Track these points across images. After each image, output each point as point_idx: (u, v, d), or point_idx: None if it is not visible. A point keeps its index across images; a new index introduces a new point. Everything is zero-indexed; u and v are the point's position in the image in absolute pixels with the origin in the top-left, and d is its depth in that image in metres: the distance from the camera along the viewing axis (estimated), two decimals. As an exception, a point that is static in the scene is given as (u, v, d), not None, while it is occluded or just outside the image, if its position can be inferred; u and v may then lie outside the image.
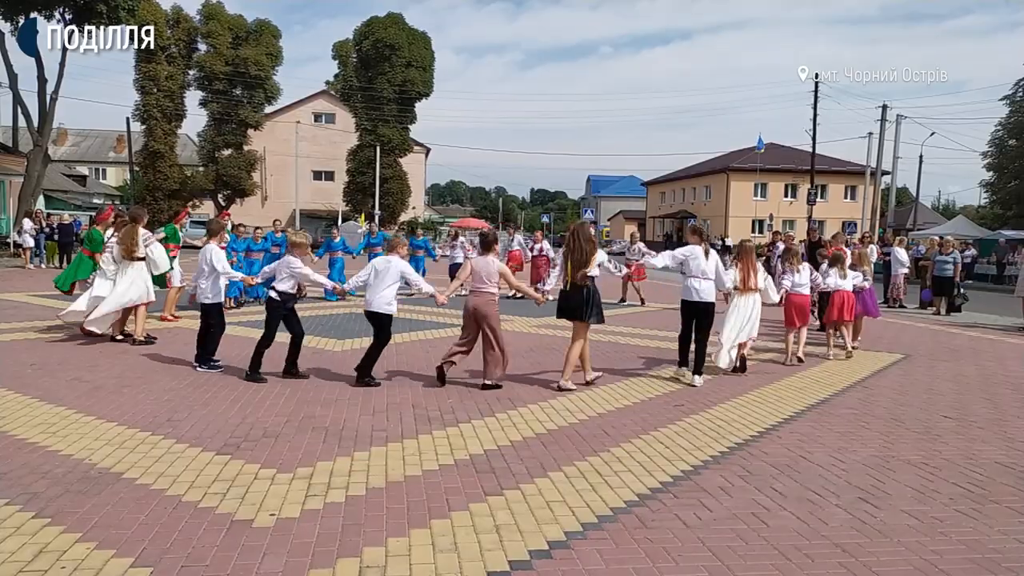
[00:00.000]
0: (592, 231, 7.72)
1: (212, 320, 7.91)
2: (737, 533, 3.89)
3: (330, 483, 4.45)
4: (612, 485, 4.56)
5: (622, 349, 9.98)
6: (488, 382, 7.21)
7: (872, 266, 12.87)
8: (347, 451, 5.09)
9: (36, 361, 7.96)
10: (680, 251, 7.97)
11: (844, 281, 9.80)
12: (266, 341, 7.45)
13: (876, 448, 5.57)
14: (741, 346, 8.41)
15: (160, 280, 10.65)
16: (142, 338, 9.30)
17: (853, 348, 9.88)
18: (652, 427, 5.93)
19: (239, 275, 9.01)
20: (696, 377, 7.70)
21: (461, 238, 18.45)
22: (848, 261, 10.19)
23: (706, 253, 7.81)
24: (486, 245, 7.63)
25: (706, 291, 7.71)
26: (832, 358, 9.52)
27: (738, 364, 8.38)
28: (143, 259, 9.54)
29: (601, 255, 7.45)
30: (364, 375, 7.26)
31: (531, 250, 17.40)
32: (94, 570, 3.29)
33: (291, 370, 7.56)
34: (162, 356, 8.46)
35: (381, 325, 7.34)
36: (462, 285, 7.98)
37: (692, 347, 7.88)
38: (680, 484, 4.63)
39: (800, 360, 9.19)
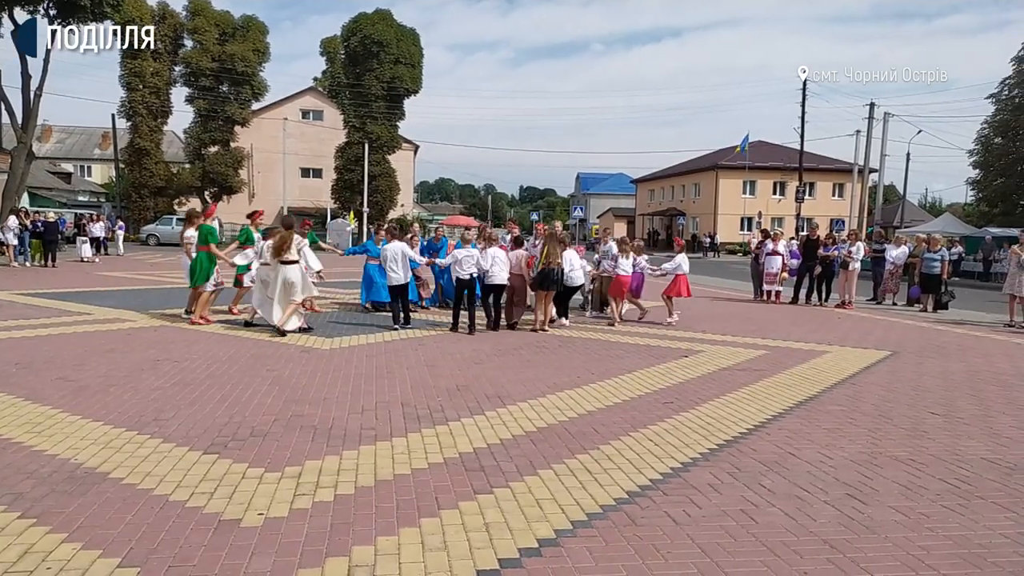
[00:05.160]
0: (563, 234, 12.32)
1: (403, 295, 11.05)
2: (726, 530, 3.90)
3: (319, 482, 4.44)
4: (601, 483, 4.56)
5: (611, 347, 10.00)
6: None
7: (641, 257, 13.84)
8: (336, 450, 5.07)
9: (21, 360, 7.89)
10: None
11: (627, 265, 12.42)
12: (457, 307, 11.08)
13: (864, 444, 5.60)
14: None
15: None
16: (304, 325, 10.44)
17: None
18: (641, 424, 5.94)
19: (424, 259, 12.04)
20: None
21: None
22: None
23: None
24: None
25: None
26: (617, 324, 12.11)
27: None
28: (296, 261, 10.24)
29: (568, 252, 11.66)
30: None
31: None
32: (80, 571, 3.26)
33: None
34: (149, 355, 8.40)
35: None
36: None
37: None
38: (669, 481, 4.64)
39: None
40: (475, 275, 10.88)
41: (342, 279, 18.35)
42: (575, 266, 11.70)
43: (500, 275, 10.99)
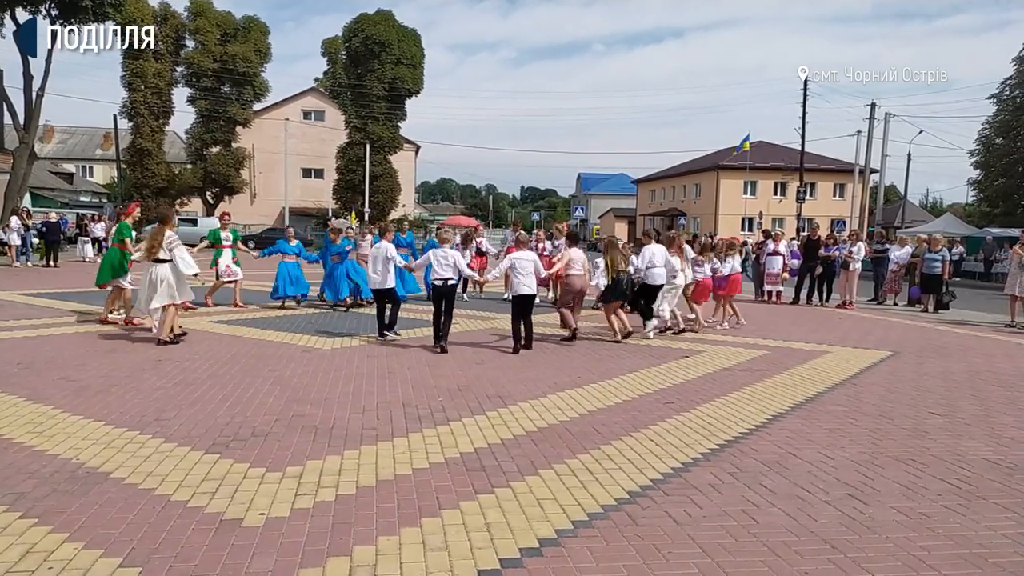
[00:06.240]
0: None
1: (390, 299, 9.96)
2: (727, 530, 3.90)
3: (320, 482, 4.44)
4: (602, 483, 4.56)
5: (612, 347, 9.99)
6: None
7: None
8: (337, 450, 5.07)
9: (23, 360, 7.89)
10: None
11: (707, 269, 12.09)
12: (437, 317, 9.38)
13: (865, 445, 5.60)
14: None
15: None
16: (167, 338, 9.11)
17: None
18: (642, 424, 5.95)
19: (405, 263, 10.64)
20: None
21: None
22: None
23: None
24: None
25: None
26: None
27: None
28: (168, 261, 9.31)
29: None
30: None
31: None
32: (82, 570, 3.27)
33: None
34: (150, 355, 8.41)
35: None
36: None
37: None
38: (670, 481, 4.64)
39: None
40: (452, 281, 9.42)
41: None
42: (656, 263, 10.60)
43: (526, 284, 9.51)
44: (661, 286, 10.79)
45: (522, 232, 12.47)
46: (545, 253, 15.80)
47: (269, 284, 13.93)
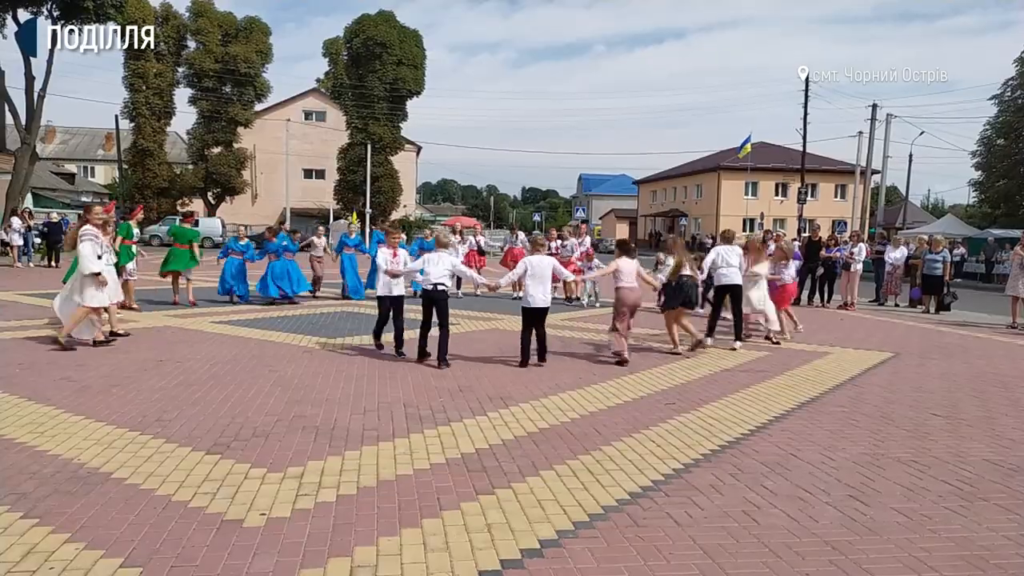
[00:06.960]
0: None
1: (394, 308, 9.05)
2: (728, 531, 3.90)
3: (321, 482, 4.44)
4: (603, 484, 4.56)
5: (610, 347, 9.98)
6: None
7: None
8: (338, 450, 5.07)
9: (24, 360, 7.90)
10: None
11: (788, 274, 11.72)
12: (426, 327, 8.56)
13: (866, 446, 5.60)
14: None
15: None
16: (100, 338, 8.88)
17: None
18: (643, 425, 5.94)
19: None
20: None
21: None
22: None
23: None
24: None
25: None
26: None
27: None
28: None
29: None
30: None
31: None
32: (83, 570, 3.27)
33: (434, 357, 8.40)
34: (151, 355, 8.41)
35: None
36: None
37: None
38: (671, 482, 4.64)
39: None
40: (442, 287, 8.38)
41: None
42: (731, 263, 9.99)
43: (539, 295, 8.43)
44: (739, 285, 10.12)
45: (537, 234, 12.12)
46: (565, 256, 15.48)
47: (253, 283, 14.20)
